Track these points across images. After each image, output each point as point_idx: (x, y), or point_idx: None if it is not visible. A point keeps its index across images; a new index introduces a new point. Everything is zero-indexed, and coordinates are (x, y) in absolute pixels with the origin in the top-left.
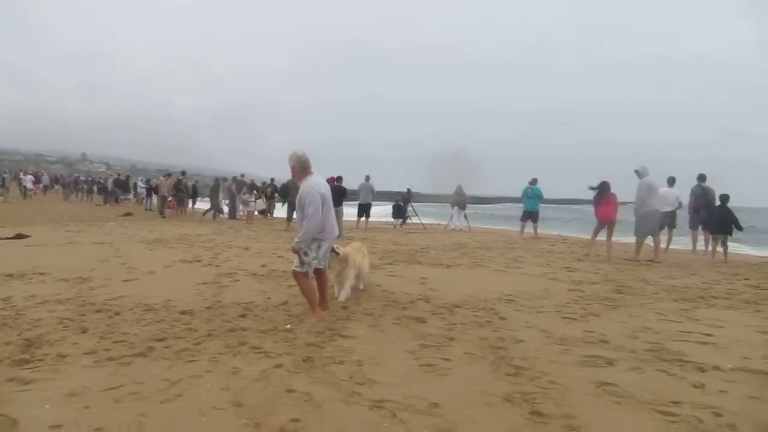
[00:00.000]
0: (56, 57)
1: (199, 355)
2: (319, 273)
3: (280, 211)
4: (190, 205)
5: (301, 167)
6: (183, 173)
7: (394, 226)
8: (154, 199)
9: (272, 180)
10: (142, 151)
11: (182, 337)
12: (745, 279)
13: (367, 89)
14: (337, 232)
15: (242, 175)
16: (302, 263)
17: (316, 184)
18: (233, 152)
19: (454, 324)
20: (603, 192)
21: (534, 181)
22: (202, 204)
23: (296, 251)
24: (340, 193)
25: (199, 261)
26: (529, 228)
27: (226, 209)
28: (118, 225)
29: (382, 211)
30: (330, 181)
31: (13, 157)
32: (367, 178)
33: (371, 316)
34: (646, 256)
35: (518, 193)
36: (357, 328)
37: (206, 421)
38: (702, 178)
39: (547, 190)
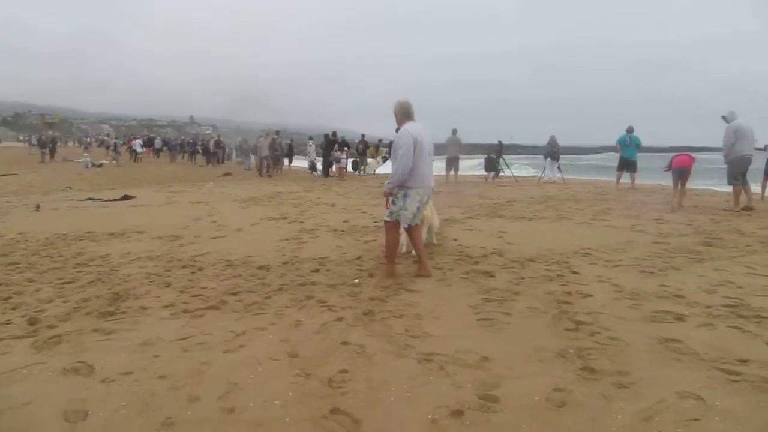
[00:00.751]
0: (158, 29)
1: (267, 308)
2: (411, 231)
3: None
4: (286, 164)
5: (403, 113)
6: (277, 132)
7: (486, 179)
8: (252, 159)
9: (363, 136)
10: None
11: (255, 291)
12: None
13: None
14: (432, 184)
15: (334, 133)
16: (390, 213)
17: (412, 128)
18: (331, 108)
19: (523, 278)
20: None
21: (631, 129)
22: (299, 162)
23: (385, 196)
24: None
25: (285, 218)
26: (625, 178)
27: (319, 166)
28: (217, 185)
29: (475, 164)
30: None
31: (128, 122)
32: (454, 131)
33: (441, 270)
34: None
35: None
36: (425, 282)
37: (261, 371)
38: None
39: (647, 138)
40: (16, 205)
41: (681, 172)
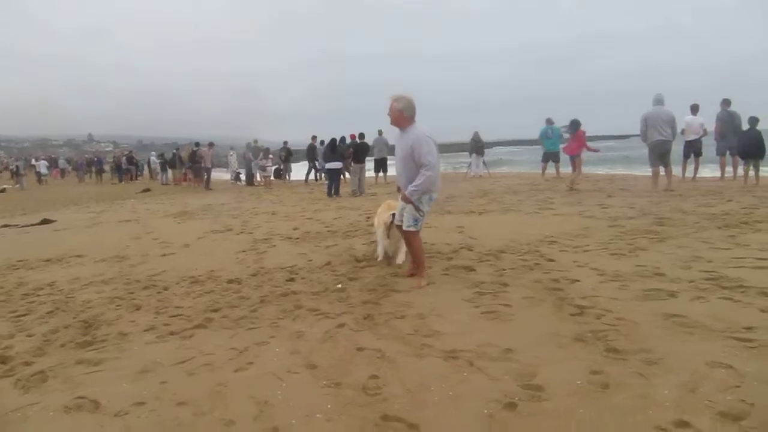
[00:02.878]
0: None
1: (258, 321)
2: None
3: (296, 173)
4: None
5: (411, 112)
6: (197, 144)
7: None
8: (170, 173)
9: (285, 143)
10: (147, 126)
11: (236, 305)
12: None
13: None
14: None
15: (256, 141)
16: (416, 220)
17: (428, 131)
18: (239, 117)
19: (504, 269)
20: (575, 128)
21: (551, 121)
22: (219, 173)
23: (408, 201)
24: (363, 150)
25: (230, 230)
26: (550, 169)
27: (243, 176)
28: (139, 201)
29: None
30: (351, 138)
31: (21, 144)
32: (380, 132)
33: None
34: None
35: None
36: (408, 282)
37: (286, 386)
38: (726, 102)
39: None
40: None
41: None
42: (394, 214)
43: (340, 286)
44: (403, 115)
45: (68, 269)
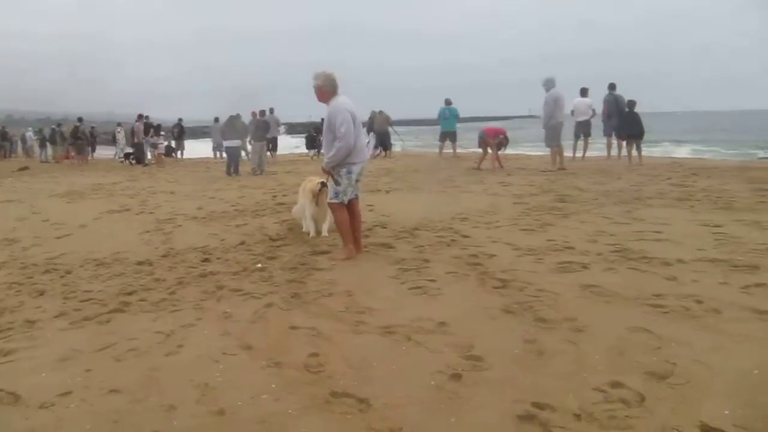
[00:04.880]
0: None
1: (179, 304)
2: (351, 205)
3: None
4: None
5: (332, 87)
6: (80, 119)
7: (311, 157)
8: (49, 149)
9: (180, 120)
10: (13, 98)
11: (152, 288)
12: (667, 179)
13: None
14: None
15: (147, 117)
16: (336, 193)
17: (346, 103)
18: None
19: (422, 246)
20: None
21: (449, 102)
22: (106, 151)
23: (327, 172)
24: (263, 128)
25: (128, 210)
26: (447, 148)
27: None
28: (17, 180)
29: (293, 143)
30: (252, 115)
31: None
32: (272, 110)
33: (336, 246)
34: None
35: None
36: (328, 260)
37: (224, 368)
38: (612, 86)
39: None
40: None
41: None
42: (323, 182)
43: (260, 265)
44: (322, 90)
45: None
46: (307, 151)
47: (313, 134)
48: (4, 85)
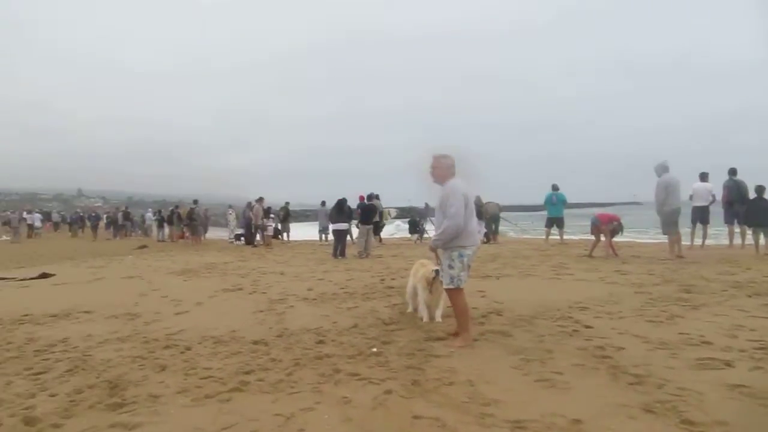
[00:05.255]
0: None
1: (297, 386)
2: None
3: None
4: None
5: (448, 168)
6: (195, 202)
7: (414, 241)
8: (166, 229)
9: (287, 204)
10: (138, 182)
11: (269, 368)
12: None
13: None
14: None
15: (259, 200)
16: (451, 278)
17: (460, 185)
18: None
19: (543, 335)
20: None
21: (556, 187)
22: (217, 232)
23: (433, 250)
24: (370, 211)
25: (241, 289)
26: (554, 234)
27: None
28: (137, 258)
29: (392, 229)
30: (360, 199)
31: (8, 197)
32: (377, 196)
33: (451, 328)
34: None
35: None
36: (447, 346)
37: None
38: (733, 171)
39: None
40: None
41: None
42: (437, 270)
43: (375, 350)
44: (439, 171)
45: (78, 325)
46: (409, 235)
47: (416, 219)
48: (127, 172)
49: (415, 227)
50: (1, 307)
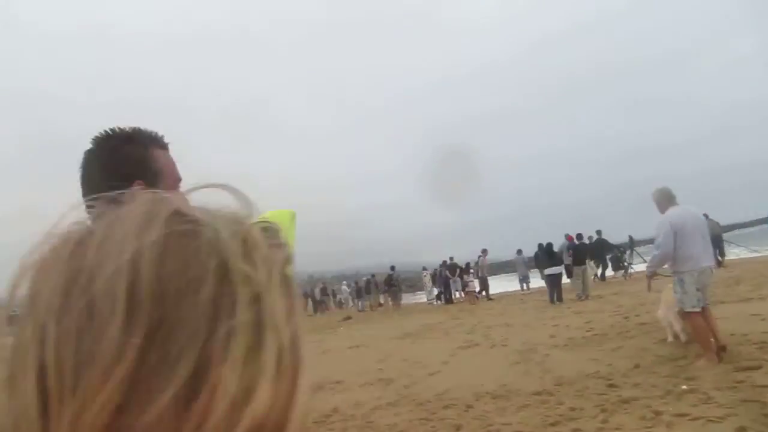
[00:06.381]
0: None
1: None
2: (704, 314)
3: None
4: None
5: (664, 199)
6: (392, 268)
7: (624, 277)
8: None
9: (481, 254)
10: (314, 261)
11: (575, 417)
12: None
13: None
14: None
15: (451, 258)
16: (679, 300)
17: (672, 214)
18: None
19: None
20: None
21: None
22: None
23: (647, 277)
24: (583, 251)
25: (477, 345)
26: None
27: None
28: (347, 329)
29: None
30: (568, 240)
31: None
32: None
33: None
34: None
35: None
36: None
37: None
38: None
39: None
40: None
41: None
42: None
43: (685, 387)
44: (658, 205)
45: (339, 395)
46: (613, 272)
47: (617, 254)
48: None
49: (619, 263)
50: None
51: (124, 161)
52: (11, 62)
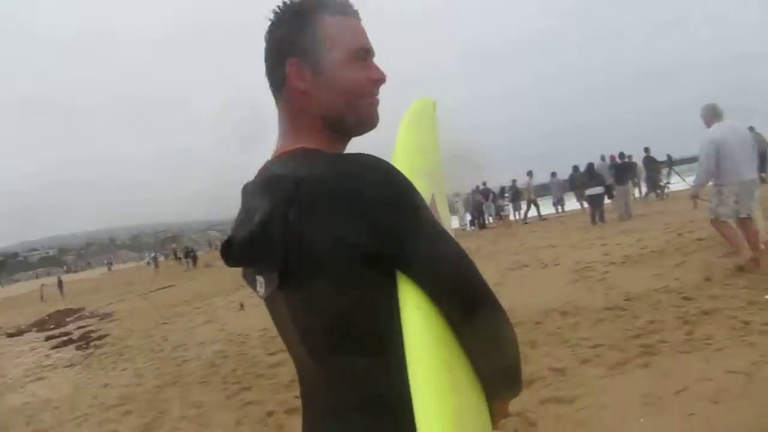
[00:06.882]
0: None
1: (714, 342)
2: (743, 225)
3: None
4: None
5: (710, 115)
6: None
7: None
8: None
9: (514, 181)
10: None
11: (656, 330)
12: None
13: None
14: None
15: (484, 183)
16: (710, 210)
17: (713, 131)
18: None
19: None
20: None
21: None
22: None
23: (691, 197)
24: (625, 170)
25: (527, 266)
26: None
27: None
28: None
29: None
30: (611, 159)
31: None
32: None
33: None
34: None
35: None
36: None
37: None
38: None
39: None
40: (213, 308)
41: None
42: None
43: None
44: (705, 120)
45: None
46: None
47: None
48: None
49: (655, 184)
50: None
51: (271, 42)
52: None
